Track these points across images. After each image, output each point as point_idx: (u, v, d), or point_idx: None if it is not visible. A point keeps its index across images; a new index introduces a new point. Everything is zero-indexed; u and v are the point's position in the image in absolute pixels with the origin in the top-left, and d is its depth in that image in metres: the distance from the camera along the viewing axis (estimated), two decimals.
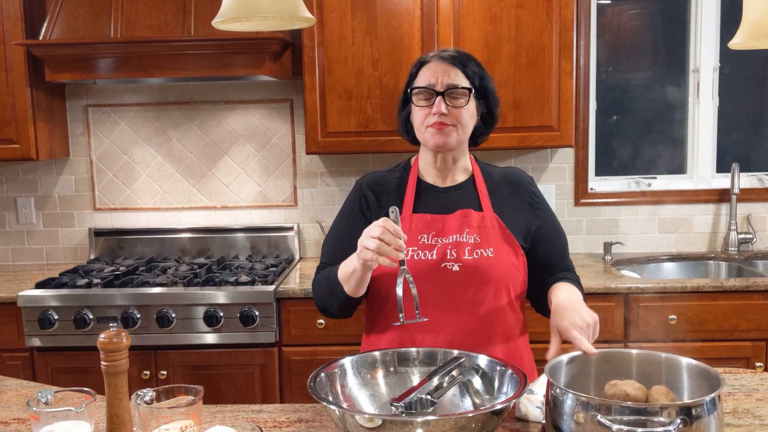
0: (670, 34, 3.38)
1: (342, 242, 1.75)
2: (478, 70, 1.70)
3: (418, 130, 1.71)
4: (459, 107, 1.66)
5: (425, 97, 1.66)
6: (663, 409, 1.14)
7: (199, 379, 2.71)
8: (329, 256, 1.78)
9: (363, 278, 1.58)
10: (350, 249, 1.66)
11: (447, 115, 1.64)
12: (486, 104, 1.73)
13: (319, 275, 1.76)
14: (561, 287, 1.65)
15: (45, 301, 2.73)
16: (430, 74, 1.67)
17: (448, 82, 1.65)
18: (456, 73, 1.66)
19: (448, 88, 1.65)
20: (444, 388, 1.37)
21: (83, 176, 3.39)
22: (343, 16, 2.89)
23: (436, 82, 1.65)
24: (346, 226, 1.77)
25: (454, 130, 1.66)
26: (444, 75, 1.65)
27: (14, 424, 1.54)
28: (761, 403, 1.54)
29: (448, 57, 1.68)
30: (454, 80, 1.65)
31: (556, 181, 3.30)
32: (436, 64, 1.68)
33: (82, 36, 2.87)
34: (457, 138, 1.68)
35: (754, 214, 3.30)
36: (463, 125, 1.68)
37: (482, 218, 1.69)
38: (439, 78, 1.65)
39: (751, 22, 1.33)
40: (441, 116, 1.64)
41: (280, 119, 3.32)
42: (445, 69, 1.66)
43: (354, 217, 1.76)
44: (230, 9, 1.23)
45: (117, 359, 1.28)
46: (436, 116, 1.64)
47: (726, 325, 2.73)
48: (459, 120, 1.66)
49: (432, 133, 1.66)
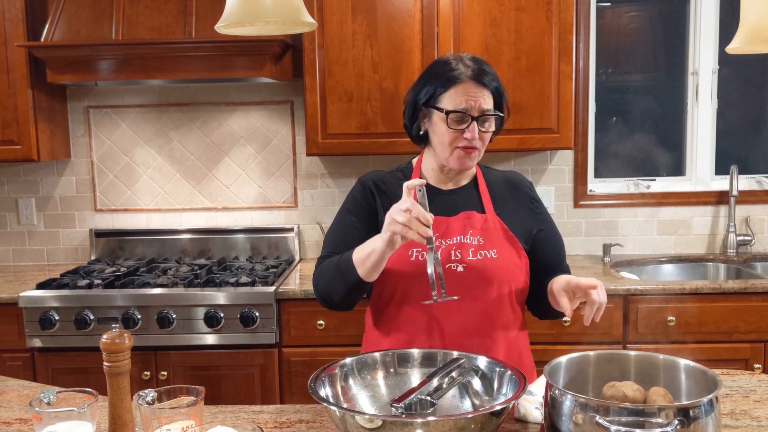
0: (669, 37, 3.39)
1: (349, 233, 1.73)
2: (499, 85, 1.70)
3: (441, 148, 1.69)
4: (488, 131, 1.68)
5: (459, 119, 1.65)
6: (661, 410, 1.15)
7: (200, 379, 2.72)
8: (335, 246, 1.74)
9: (381, 260, 1.55)
10: (358, 240, 1.66)
11: (477, 139, 1.66)
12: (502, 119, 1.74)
13: (325, 262, 1.72)
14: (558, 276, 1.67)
15: (46, 301, 2.74)
16: (465, 97, 1.64)
17: (483, 107, 1.65)
18: (489, 98, 1.66)
19: (482, 114, 1.65)
20: (444, 389, 1.38)
21: (84, 177, 3.40)
22: (343, 19, 2.90)
23: (473, 107, 1.65)
24: (354, 217, 1.75)
25: (478, 153, 1.69)
26: (480, 99, 1.65)
27: (16, 424, 1.54)
28: (759, 404, 1.55)
29: (479, 77, 1.65)
30: (487, 104, 1.66)
31: (556, 183, 3.32)
32: (469, 86, 1.65)
33: (84, 38, 2.88)
34: (477, 160, 1.72)
35: (753, 216, 3.31)
36: (485, 146, 1.71)
37: (485, 220, 1.71)
38: (476, 102, 1.64)
39: (748, 27, 1.34)
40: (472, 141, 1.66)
41: (280, 121, 3.33)
42: (480, 93, 1.65)
43: (361, 209, 1.75)
44: (233, 14, 1.24)
45: (119, 360, 1.29)
46: (468, 141, 1.65)
47: (725, 327, 2.74)
48: (484, 144, 1.69)
49: (459, 156, 1.67)
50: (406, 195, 1.46)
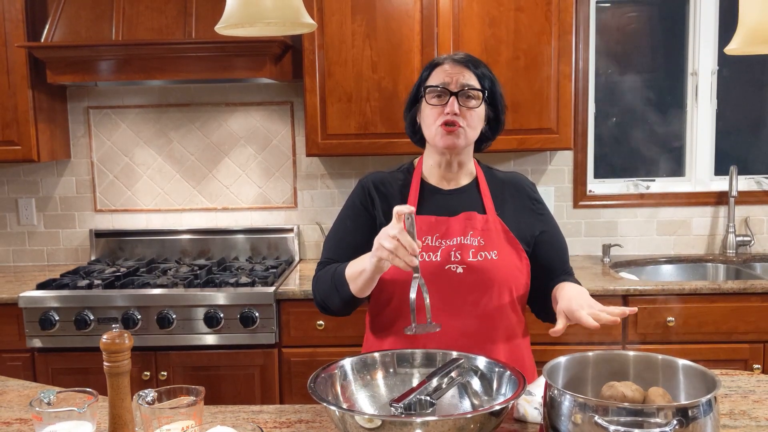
0: (668, 37, 3.39)
1: (346, 239, 1.75)
2: (489, 74, 1.72)
3: (427, 129, 1.70)
4: (471, 108, 1.67)
5: (438, 95, 1.67)
6: (659, 410, 1.15)
7: (199, 380, 2.72)
8: (333, 252, 1.76)
9: (371, 279, 1.56)
10: (355, 246, 1.68)
11: (459, 115, 1.65)
12: (494, 109, 1.74)
13: (323, 271, 1.73)
14: (568, 284, 1.66)
15: (46, 302, 2.75)
16: (444, 74, 1.68)
17: (463, 82, 1.66)
18: (470, 75, 1.68)
19: (462, 88, 1.66)
20: (443, 390, 1.38)
21: (84, 178, 3.40)
22: (343, 19, 2.91)
23: (451, 81, 1.66)
24: (351, 222, 1.76)
25: (464, 132, 1.67)
26: (459, 75, 1.67)
27: (16, 424, 1.55)
28: (758, 404, 1.55)
29: (461, 59, 1.70)
30: (467, 80, 1.67)
31: (555, 184, 3.32)
32: (450, 65, 1.69)
33: (84, 38, 2.88)
34: (465, 140, 1.69)
35: (752, 217, 3.32)
36: (472, 127, 1.68)
37: (486, 221, 1.70)
38: (453, 78, 1.66)
39: (747, 28, 1.34)
40: (453, 116, 1.65)
41: (280, 121, 3.33)
42: (460, 70, 1.68)
43: (359, 214, 1.76)
44: (233, 15, 1.24)
45: (119, 360, 1.29)
46: (448, 115, 1.65)
47: (724, 327, 2.74)
48: (469, 121, 1.67)
49: (442, 133, 1.66)
50: (395, 221, 1.44)
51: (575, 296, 1.55)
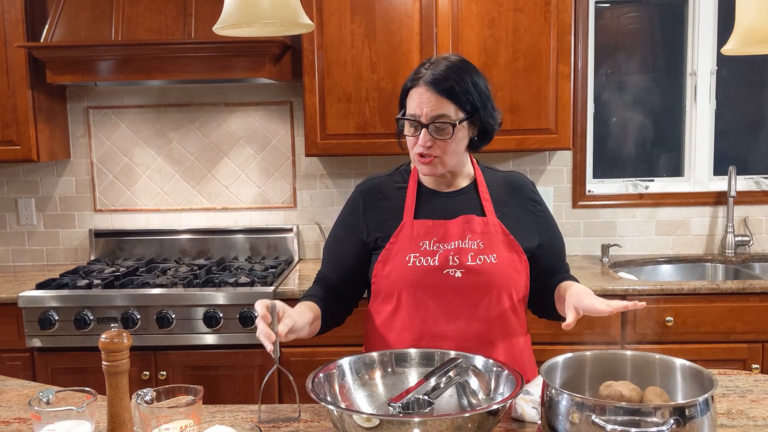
0: (667, 38, 3.39)
1: (337, 251, 1.78)
2: (471, 89, 1.61)
3: (410, 152, 1.69)
4: (444, 139, 1.61)
5: (412, 125, 1.63)
6: (656, 409, 1.16)
7: (199, 379, 2.72)
8: (326, 264, 1.82)
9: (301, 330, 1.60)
10: (345, 258, 1.74)
11: (432, 146, 1.61)
12: (480, 121, 1.66)
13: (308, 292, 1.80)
14: (575, 284, 1.65)
15: (45, 301, 2.75)
16: (415, 103, 1.61)
17: (432, 114, 1.59)
18: (442, 104, 1.59)
19: (432, 121, 1.59)
20: (441, 389, 1.39)
21: (84, 178, 3.41)
22: (342, 19, 2.91)
23: (421, 114, 1.60)
24: (342, 235, 1.78)
25: (439, 161, 1.64)
26: (428, 106, 1.59)
27: (15, 423, 1.55)
28: (755, 404, 1.55)
29: (436, 83, 1.59)
30: (439, 110, 1.59)
31: (554, 184, 3.32)
32: (422, 91, 1.60)
33: (83, 38, 2.89)
34: (443, 168, 1.66)
35: (751, 217, 3.32)
36: (448, 154, 1.63)
37: (485, 223, 1.68)
38: (423, 109, 1.59)
39: (743, 28, 1.34)
40: (427, 148, 1.61)
41: (279, 121, 3.34)
42: (430, 99, 1.59)
43: (350, 226, 1.76)
44: (231, 15, 1.25)
45: (118, 359, 1.29)
46: (421, 147, 1.62)
47: (722, 327, 2.74)
48: (444, 151, 1.62)
49: (419, 162, 1.66)
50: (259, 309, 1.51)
51: (583, 292, 1.55)
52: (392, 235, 1.68)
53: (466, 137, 1.67)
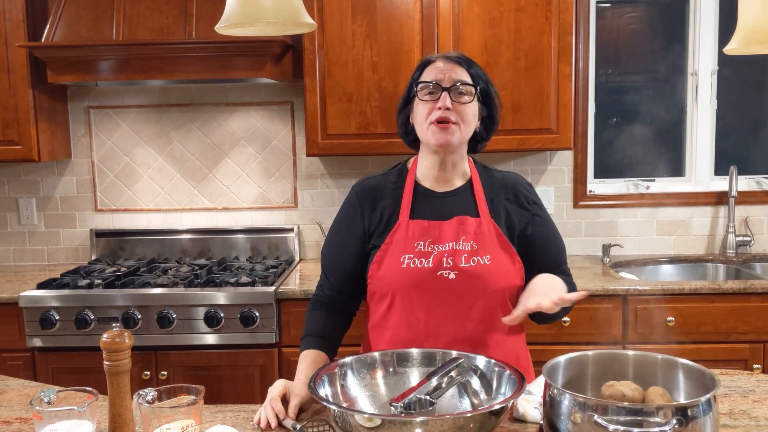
0: (668, 37, 3.39)
1: (335, 254, 1.78)
2: (482, 74, 1.72)
3: (420, 127, 1.68)
4: (464, 104, 1.65)
5: (430, 92, 1.66)
6: (659, 409, 1.16)
7: (200, 379, 2.72)
8: (325, 267, 1.81)
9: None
10: (343, 261, 1.74)
11: (451, 110, 1.64)
12: (488, 108, 1.73)
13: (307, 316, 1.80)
14: (540, 275, 1.64)
15: (46, 301, 2.75)
16: (436, 72, 1.68)
17: (455, 78, 1.66)
18: (462, 72, 1.67)
19: (454, 83, 1.65)
20: (443, 389, 1.39)
21: (85, 177, 3.41)
22: (343, 19, 2.91)
23: (443, 78, 1.66)
24: (339, 238, 1.77)
25: (457, 128, 1.65)
26: (451, 72, 1.67)
27: (17, 423, 1.55)
28: (757, 404, 1.55)
29: (454, 57, 1.70)
30: (459, 76, 1.67)
31: (555, 184, 3.32)
32: (443, 62, 1.69)
33: (84, 38, 2.89)
34: (459, 137, 1.66)
35: (752, 217, 3.32)
36: (466, 123, 1.66)
37: (479, 225, 1.68)
38: (446, 74, 1.66)
39: (745, 28, 1.34)
40: (446, 111, 1.63)
41: (280, 121, 3.34)
42: (452, 67, 1.67)
43: (346, 228, 1.76)
44: (233, 15, 1.25)
45: (120, 359, 1.29)
46: (440, 111, 1.63)
47: (723, 327, 2.74)
48: (463, 117, 1.65)
49: (434, 131, 1.64)
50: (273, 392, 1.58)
51: (539, 284, 1.58)
52: (387, 235, 1.68)
53: (477, 116, 1.71)
